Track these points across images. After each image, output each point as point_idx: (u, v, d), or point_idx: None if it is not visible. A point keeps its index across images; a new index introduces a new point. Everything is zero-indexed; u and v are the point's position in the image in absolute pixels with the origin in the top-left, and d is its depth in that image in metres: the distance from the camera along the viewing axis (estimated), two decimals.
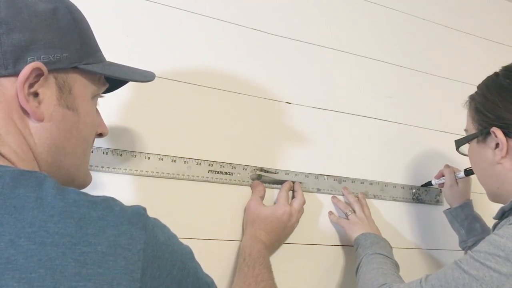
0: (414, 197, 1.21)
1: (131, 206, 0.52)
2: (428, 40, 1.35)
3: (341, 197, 1.12)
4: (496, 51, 1.45)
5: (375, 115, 1.21)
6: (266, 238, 0.94)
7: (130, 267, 0.47)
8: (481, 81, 0.94)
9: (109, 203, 0.50)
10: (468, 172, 1.10)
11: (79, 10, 0.63)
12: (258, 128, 1.07)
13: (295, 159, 1.09)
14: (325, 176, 1.11)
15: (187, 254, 0.57)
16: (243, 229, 0.99)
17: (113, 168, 0.91)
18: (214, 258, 0.95)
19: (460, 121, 1.32)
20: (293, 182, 1.06)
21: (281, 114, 1.10)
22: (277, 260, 0.98)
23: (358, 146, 1.17)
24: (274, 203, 1.02)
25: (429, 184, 1.19)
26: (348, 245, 1.09)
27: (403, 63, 1.28)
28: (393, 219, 1.18)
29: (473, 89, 0.94)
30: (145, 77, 0.72)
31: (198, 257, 0.60)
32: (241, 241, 0.97)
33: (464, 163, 1.05)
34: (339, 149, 1.15)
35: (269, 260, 0.92)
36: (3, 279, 0.42)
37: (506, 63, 1.33)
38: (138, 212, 0.51)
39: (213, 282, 0.60)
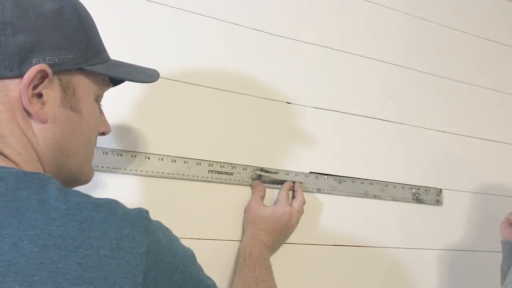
0: (414, 197, 1.21)
1: (134, 209, 0.52)
2: (428, 40, 1.34)
3: None
4: (496, 51, 1.45)
5: (375, 115, 1.21)
6: (267, 239, 0.94)
7: (132, 271, 0.46)
8: None
9: (111, 205, 0.50)
10: None
11: (85, 8, 0.62)
12: (258, 128, 1.06)
13: (295, 159, 1.09)
14: (325, 176, 1.11)
15: (189, 257, 0.57)
16: (243, 229, 0.99)
17: (113, 168, 0.90)
18: (214, 258, 0.95)
19: (460, 121, 1.32)
20: (293, 182, 1.06)
21: (281, 114, 1.09)
22: (277, 260, 0.98)
23: (358, 145, 1.17)
24: (275, 203, 1.02)
25: None
26: (348, 245, 1.09)
27: (403, 63, 1.28)
28: (393, 219, 1.18)
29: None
30: (150, 77, 0.71)
31: (198, 257, 0.60)
32: (241, 241, 0.97)
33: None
34: (339, 149, 1.15)
35: (269, 261, 0.92)
36: (5, 282, 0.42)
37: (506, 63, 1.34)
38: (141, 215, 0.50)
39: (214, 285, 0.59)
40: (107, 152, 0.90)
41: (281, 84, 1.11)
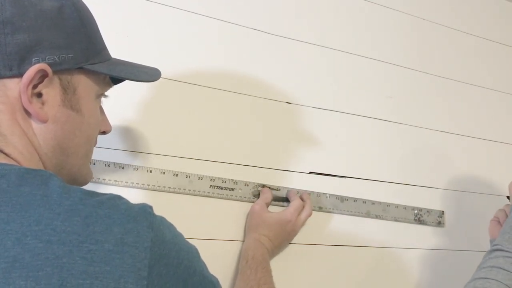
0: (416, 218, 1.20)
1: (138, 204, 0.51)
2: (428, 40, 1.34)
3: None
4: (496, 51, 1.45)
5: (375, 115, 1.21)
6: (269, 244, 0.95)
7: (137, 265, 0.46)
8: None
9: (115, 201, 0.50)
10: None
11: (86, 6, 0.62)
12: (258, 129, 1.06)
13: (294, 159, 1.08)
14: (327, 195, 1.10)
15: (193, 253, 0.56)
16: (244, 232, 0.99)
17: (114, 180, 0.90)
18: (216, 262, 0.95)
19: (460, 121, 1.32)
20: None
21: (281, 114, 1.09)
22: (277, 260, 0.99)
23: (358, 145, 1.17)
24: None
25: None
26: (348, 245, 1.09)
27: (403, 63, 1.28)
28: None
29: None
30: (152, 76, 0.71)
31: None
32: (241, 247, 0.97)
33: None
34: (339, 149, 1.14)
35: (270, 265, 0.92)
36: (10, 278, 0.42)
37: (506, 63, 1.33)
38: (145, 210, 0.50)
39: (218, 282, 0.59)
40: (109, 165, 0.90)
41: (281, 84, 1.11)
